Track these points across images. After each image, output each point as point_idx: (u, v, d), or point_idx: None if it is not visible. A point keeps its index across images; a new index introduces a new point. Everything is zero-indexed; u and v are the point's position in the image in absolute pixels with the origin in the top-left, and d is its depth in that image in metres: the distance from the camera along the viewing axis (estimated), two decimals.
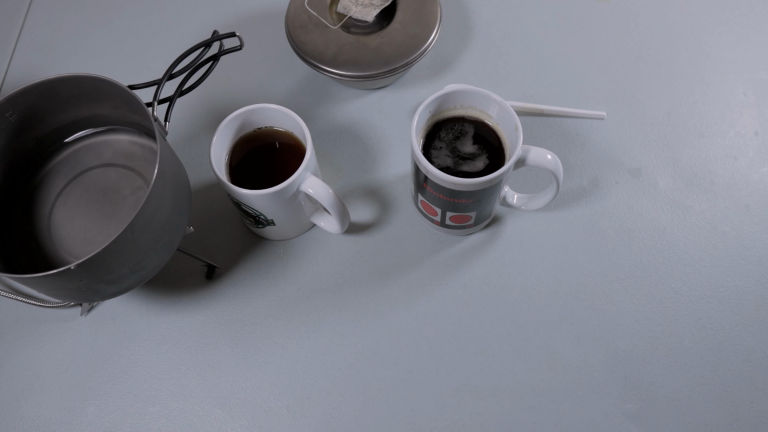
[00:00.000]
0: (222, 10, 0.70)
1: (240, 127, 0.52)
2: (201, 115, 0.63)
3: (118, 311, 0.55)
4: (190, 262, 0.56)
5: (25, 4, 0.73)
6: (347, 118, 0.62)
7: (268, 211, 0.50)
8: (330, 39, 0.60)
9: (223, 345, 0.53)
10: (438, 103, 0.50)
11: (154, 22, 0.70)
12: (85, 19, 0.71)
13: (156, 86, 0.48)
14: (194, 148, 0.62)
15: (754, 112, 0.61)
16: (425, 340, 0.52)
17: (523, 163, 0.48)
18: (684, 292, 0.53)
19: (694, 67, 0.64)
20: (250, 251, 0.57)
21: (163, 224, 0.44)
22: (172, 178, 0.45)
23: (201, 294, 0.55)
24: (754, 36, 0.66)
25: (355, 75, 0.59)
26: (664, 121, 0.61)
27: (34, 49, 0.70)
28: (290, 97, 0.64)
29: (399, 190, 0.58)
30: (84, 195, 0.52)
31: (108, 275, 0.43)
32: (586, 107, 0.62)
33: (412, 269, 0.55)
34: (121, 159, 0.53)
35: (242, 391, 0.51)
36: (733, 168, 0.59)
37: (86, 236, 0.50)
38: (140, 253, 0.43)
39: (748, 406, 0.49)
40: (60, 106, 0.50)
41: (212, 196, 0.59)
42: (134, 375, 0.52)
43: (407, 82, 0.64)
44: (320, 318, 0.53)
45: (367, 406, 0.50)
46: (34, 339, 0.54)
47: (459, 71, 0.65)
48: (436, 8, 0.61)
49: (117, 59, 0.68)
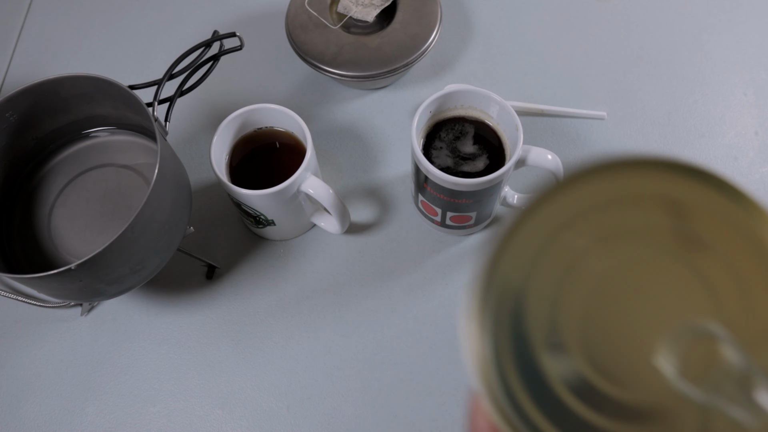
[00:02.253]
0: (222, 10, 0.70)
1: (240, 127, 0.52)
2: (201, 115, 0.63)
3: (118, 311, 0.55)
4: (190, 262, 0.56)
5: (25, 4, 0.73)
6: (347, 118, 0.62)
7: (269, 211, 0.50)
8: (330, 39, 0.60)
9: (223, 345, 0.53)
10: (438, 103, 0.50)
11: (154, 22, 0.70)
12: (85, 19, 0.71)
13: (156, 86, 0.48)
14: (194, 148, 0.62)
15: (754, 112, 0.61)
16: (425, 340, 0.52)
17: (523, 163, 0.48)
18: None
19: (694, 67, 0.64)
20: (250, 251, 0.57)
21: (163, 224, 0.44)
22: (172, 178, 0.45)
23: (201, 294, 0.55)
24: (754, 36, 0.66)
25: (355, 75, 0.59)
26: (664, 121, 0.61)
27: (34, 49, 0.70)
28: (290, 97, 0.64)
29: (399, 190, 0.58)
30: (84, 195, 0.52)
31: (108, 275, 0.43)
32: (586, 107, 0.62)
33: (412, 269, 0.55)
34: (121, 159, 0.53)
35: (242, 391, 0.51)
36: (733, 168, 0.59)
37: (86, 236, 0.50)
38: (140, 253, 0.43)
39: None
40: (60, 106, 0.50)
41: (212, 196, 0.59)
42: (134, 375, 0.52)
43: (407, 82, 0.64)
44: (320, 318, 0.53)
45: (367, 406, 0.50)
46: (34, 339, 0.54)
47: (459, 71, 0.65)
48: (436, 8, 0.61)
49: (117, 59, 0.68)
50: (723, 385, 0.17)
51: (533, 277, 0.18)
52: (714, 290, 0.18)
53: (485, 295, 0.18)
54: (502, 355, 0.18)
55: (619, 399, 0.17)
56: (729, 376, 0.17)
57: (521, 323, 0.18)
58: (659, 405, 0.17)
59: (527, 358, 0.18)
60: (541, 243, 0.19)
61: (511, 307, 0.18)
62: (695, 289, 0.18)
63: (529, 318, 0.18)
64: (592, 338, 0.18)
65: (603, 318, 0.18)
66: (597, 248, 0.19)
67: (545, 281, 0.18)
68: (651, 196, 0.19)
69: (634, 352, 0.18)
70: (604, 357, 0.18)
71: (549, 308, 0.18)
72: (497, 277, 0.18)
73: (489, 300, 0.18)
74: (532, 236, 0.19)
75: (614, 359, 0.18)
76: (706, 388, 0.17)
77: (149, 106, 0.46)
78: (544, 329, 0.18)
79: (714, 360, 0.17)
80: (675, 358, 0.17)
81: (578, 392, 0.17)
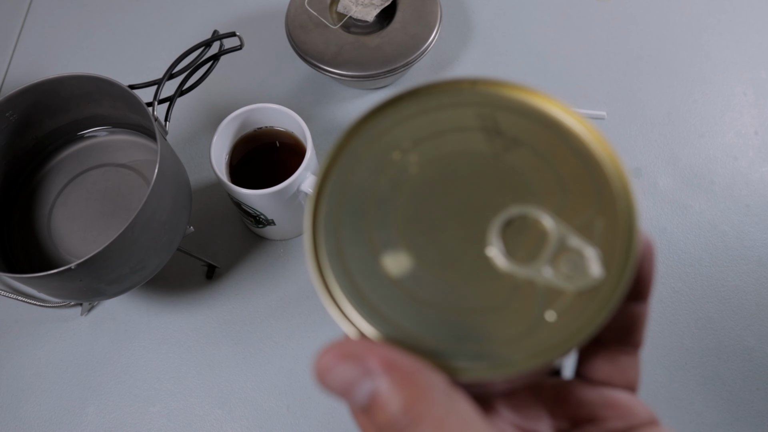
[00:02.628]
0: (222, 10, 0.70)
1: (240, 126, 0.52)
2: (201, 115, 0.63)
3: (118, 311, 0.55)
4: (190, 262, 0.56)
5: (25, 4, 0.73)
6: (347, 118, 0.62)
7: (269, 211, 0.50)
8: (330, 39, 0.60)
9: (223, 345, 0.53)
10: None
11: (154, 22, 0.70)
12: (85, 19, 0.71)
13: (156, 86, 0.48)
14: (194, 148, 0.62)
15: (754, 112, 0.61)
16: None
17: None
18: (684, 291, 0.53)
19: (694, 67, 0.64)
20: (250, 251, 0.57)
21: (163, 224, 0.44)
22: (172, 178, 0.45)
23: (201, 294, 0.55)
24: (754, 36, 0.66)
25: (355, 75, 0.59)
26: (664, 121, 0.61)
27: (34, 49, 0.70)
28: (290, 97, 0.64)
29: None
30: (84, 195, 0.52)
31: (108, 275, 0.43)
32: (586, 107, 0.62)
33: None
34: (121, 159, 0.53)
35: (242, 390, 0.51)
36: (733, 168, 0.59)
37: (86, 236, 0.50)
38: (140, 252, 0.43)
39: (748, 406, 0.49)
40: (60, 106, 0.50)
41: (212, 196, 0.59)
42: (134, 375, 0.52)
43: (407, 82, 0.64)
44: (320, 318, 0.53)
45: None
46: (34, 339, 0.54)
47: (459, 71, 0.65)
48: (436, 8, 0.61)
49: (117, 59, 0.68)
50: (549, 258, 0.19)
51: (365, 180, 0.20)
52: (529, 179, 0.20)
53: (323, 196, 0.20)
54: (337, 241, 0.19)
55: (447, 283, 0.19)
56: (551, 247, 0.19)
57: (355, 220, 0.20)
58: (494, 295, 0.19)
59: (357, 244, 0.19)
60: (370, 151, 0.21)
61: (345, 208, 0.20)
62: (512, 181, 0.20)
63: (363, 218, 0.20)
64: (422, 234, 0.19)
65: (431, 214, 0.20)
66: (418, 153, 0.21)
67: (376, 184, 0.20)
68: (462, 105, 0.21)
69: (462, 242, 0.19)
70: (433, 250, 0.19)
71: (379, 207, 0.20)
72: (333, 180, 0.20)
73: (326, 199, 0.20)
74: (362, 145, 0.21)
75: (443, 251, 0.19)
76: (535, 264, 0.19)
77: (149, 106, 0.46)
78: (376, 227, 0.20)
79: (539, 239, 0.19)
80: (502, 243, 0.19)
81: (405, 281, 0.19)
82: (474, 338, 0.18)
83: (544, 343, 0.18)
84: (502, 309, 0.18)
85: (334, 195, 0.20)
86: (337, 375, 0.17)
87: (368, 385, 0.17)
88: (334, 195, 0.20)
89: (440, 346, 0.18)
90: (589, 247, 0.18)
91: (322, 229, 0.20)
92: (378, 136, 0.21)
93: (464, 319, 0.18)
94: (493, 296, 0.18)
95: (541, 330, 0.18)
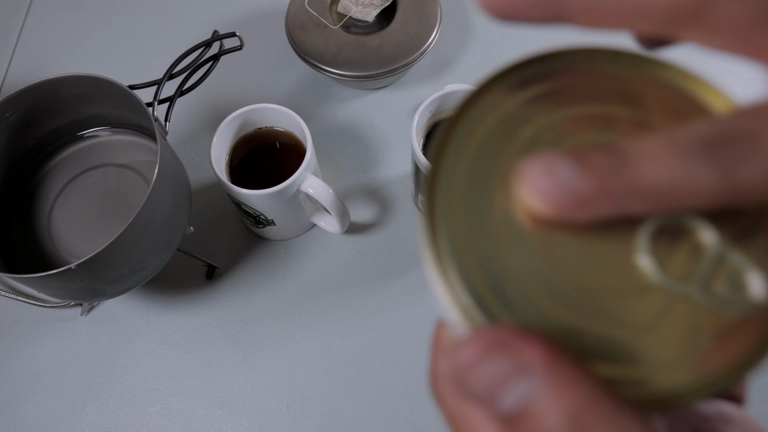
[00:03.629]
0: (222, 10, 0.70)
1: (240, 127, 0.52)
2: (201, 115, 0.63)
3: (118, 311, 0.55)
4: (190, 262, 0.56)
5: (25, 4, 0.73)
6: (347, 118, 0.62)
7: (269, 211, 0.50)
8: (330, 39, 0.60)
9: (223, 345, 0.53)
10: (438, 103, 0.50)
11: (154, 22, 0.70)
12: (85, 19, 0.71)
13: (156, 86, 0.48)
14: (194, 148, 0.62)
15: None
16: (425, 340, 0.52)
17: None
18: None
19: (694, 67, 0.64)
20: (250, 251, 0.57)
21: (163, 224, 0.44)
22: (172, 178, 0.45)
23: (201, 294, 0.55)
24: None
25: (355, 75, 0.59)
26: None
27: (34, 49, 0.70)
28: (290, 97, 0.64)
29: (399, 190, 0.58)
30: (84, 195, 0.52)
31: (108, 275, 0.43)
32: None
33: (412, 269, 0.55)
34: (121, 159, 0.53)
35: (242, 391, 0.51)
36: None
37: (86, 236, 0.50)
38: (140, 253, 0.43)
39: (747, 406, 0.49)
40: (60, 106, 0.50)
41: (212, 196, 0.59)
42: (134, 375, 0.52)
43: (407, 82, 0.64)
44: (320, 318, 0.53)
45: (367, 406, 0.50)
46: (34, 339, 0.54)
47: (459, 71, 0.65)
48: (436, 8, 0.61)
49: (117, 59, 0.68)
50: (706, 276, 0.16)
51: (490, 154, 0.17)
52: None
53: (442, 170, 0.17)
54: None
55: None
56: (710, 264, 0.16)
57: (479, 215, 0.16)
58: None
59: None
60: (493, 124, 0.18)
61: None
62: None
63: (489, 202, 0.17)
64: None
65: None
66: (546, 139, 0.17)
67: (502, 161, 0.17)
68: (601, 83, 0.18)
69: (602, 240, 0.16)
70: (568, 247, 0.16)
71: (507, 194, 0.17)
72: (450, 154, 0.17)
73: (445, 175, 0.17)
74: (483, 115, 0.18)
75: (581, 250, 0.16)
76: (690, 280, 0.16)
77: (149, 106, 0.46)
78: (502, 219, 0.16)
79: (694, 253, 0.16)
80: (654, 254, 0.16)
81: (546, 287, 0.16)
82: (623, 357, 0.15)
83: (710, 373, 0.15)
84: (653, 328, 0.15)
85: (455, 173, 0.17)
86: (484, 373, 0.13)
87: (523, 386, 0.13)
88: (454, 173, 0.17)
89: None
90: (755, 266, 0.15)
91: (440, 207, 0.17)
92: (499, 107, 0.18)
93: (606, 331, 0.15)
94: (642, 312, 0.15)
95: (699, 356, 0.15)
